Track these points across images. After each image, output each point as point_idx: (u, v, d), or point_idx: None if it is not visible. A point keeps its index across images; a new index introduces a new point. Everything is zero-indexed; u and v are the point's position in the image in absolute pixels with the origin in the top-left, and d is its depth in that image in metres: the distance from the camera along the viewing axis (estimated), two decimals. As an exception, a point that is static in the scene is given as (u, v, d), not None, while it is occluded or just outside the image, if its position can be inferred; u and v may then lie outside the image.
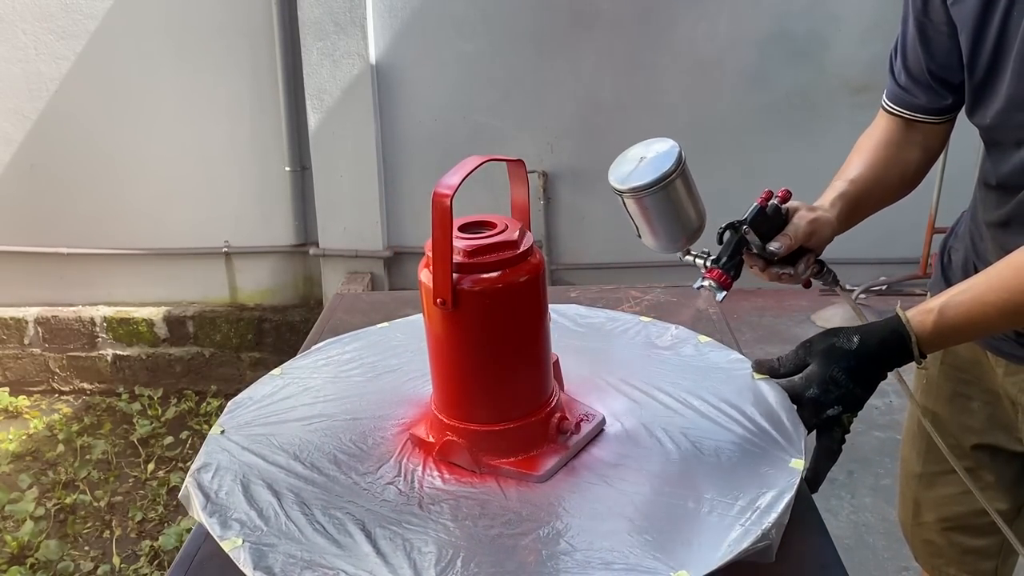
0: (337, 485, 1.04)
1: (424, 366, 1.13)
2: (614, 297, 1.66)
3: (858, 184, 1.24)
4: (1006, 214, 1.15)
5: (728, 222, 1.10)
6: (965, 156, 1.26)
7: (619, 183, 1.04)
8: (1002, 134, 1.13)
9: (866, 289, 3.70)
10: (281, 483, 1.03)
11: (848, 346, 1.03)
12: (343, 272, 3.75)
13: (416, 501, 1.01)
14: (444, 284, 0.98)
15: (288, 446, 1.10)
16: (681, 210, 1.06)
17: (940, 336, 1.04)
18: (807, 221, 1.14)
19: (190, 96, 3.63)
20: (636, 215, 1.07)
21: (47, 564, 2.72)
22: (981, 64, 1.10)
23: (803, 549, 0.99)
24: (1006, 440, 1.32)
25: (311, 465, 1.07)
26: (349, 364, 1.32)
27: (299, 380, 1.27)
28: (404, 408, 1.19)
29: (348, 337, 1.41)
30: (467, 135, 3.63)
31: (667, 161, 1.03)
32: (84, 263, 3.82)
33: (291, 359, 1.34)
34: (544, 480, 1.03)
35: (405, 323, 1.45)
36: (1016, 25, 1.03)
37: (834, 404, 1.03)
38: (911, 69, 1.23)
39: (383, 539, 0.94)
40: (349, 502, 1.00)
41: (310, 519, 0.97)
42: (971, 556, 1.42)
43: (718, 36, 3.55)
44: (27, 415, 3.66)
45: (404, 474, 1.06)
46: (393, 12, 3.53)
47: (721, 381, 1.22)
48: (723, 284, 1.08)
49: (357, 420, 1.16)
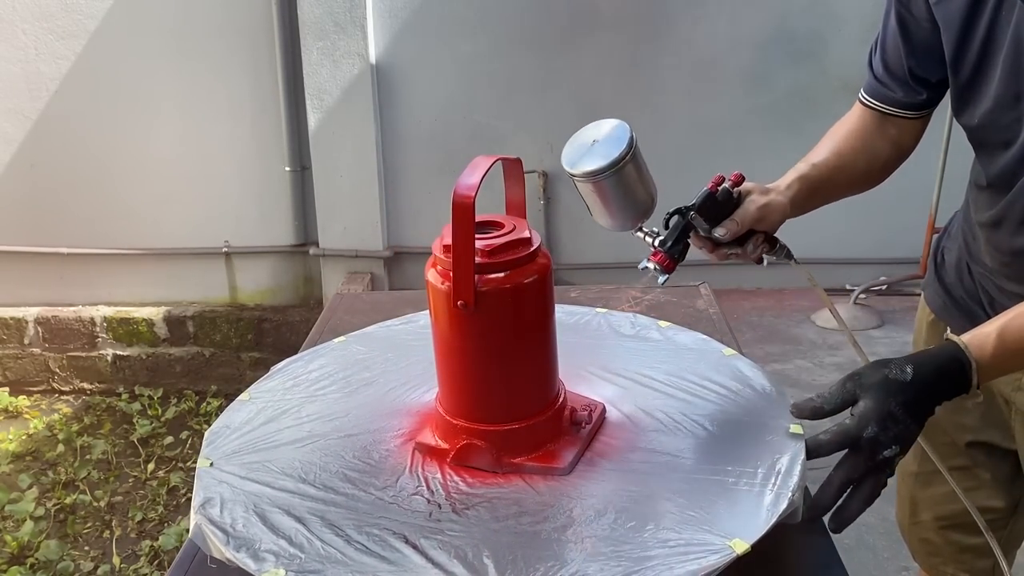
0: (360, 503, 1.00)
1: (401, 376, 1.19)
2: (614, 297, 1.66)
3: (820, 169, 1.24)
4: (997, 214, 1.15)
5: (676, 208, 1.10)
6: (965, 156, 1.26)
7: (571, 167, 1.06)
8: (990, 134, 1.13)
9: (866, 289, 3.70)
10: (299, 508, 0.98)
11: (903, 377, 0.95)
12: (343, 272, 3.75)
13: (449, 507, 0.99)
14: (467, 286, 0.96)
15: (291, 470, 1.05)
16: (632, 192, 1.07)
17: (1000, 360, 0.98)
18: (757, 206, 1.14)
19: (190, 96, 3.63)
20: (588, 197, 1.09)
21: (47, 564, 2.72)
22: (967, 64, 1.10)
23: (803, 549, 0.99)
24: (1000, 438, 1.32)
25: (323, 486, 1.02)
26: (320, 382, 1.26)
27: (273, 403, 1.20)
28: (396, 419, 1.16)
29: (307, 355, 1.35)
30: (467, 135, 3.63)
31: (619, 145, 1.03)
32: (84, 263, 3.82)
33: (255, 383, 1.26)
34: (568, 472, 1.04)
35: (362, 336, 1.40)
36: (1005, 25, 1.03)
37: (892, 444, 0.93)
38: (889, 63, 1.23)
39: (433, 549, 0.91)
40: (380, 518, 0.97)
41: (347, 540, 0.93)
42: (968, 554, 1.42)
43: (718, 36, 3.55)
44: (27, 415, 3.66)
45: (425, 483, 1.03)
46: (393, 12, 3.53)
47: (694, 360, 1.26)
48: (666, 267, 1.10)
49: (352, 436, 1.12)
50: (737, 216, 1.13)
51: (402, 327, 1.42)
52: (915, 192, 3.27)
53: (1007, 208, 1.13)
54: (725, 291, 3.57)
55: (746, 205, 1.14)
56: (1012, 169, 1.09)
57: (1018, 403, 1.24)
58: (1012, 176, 1.10)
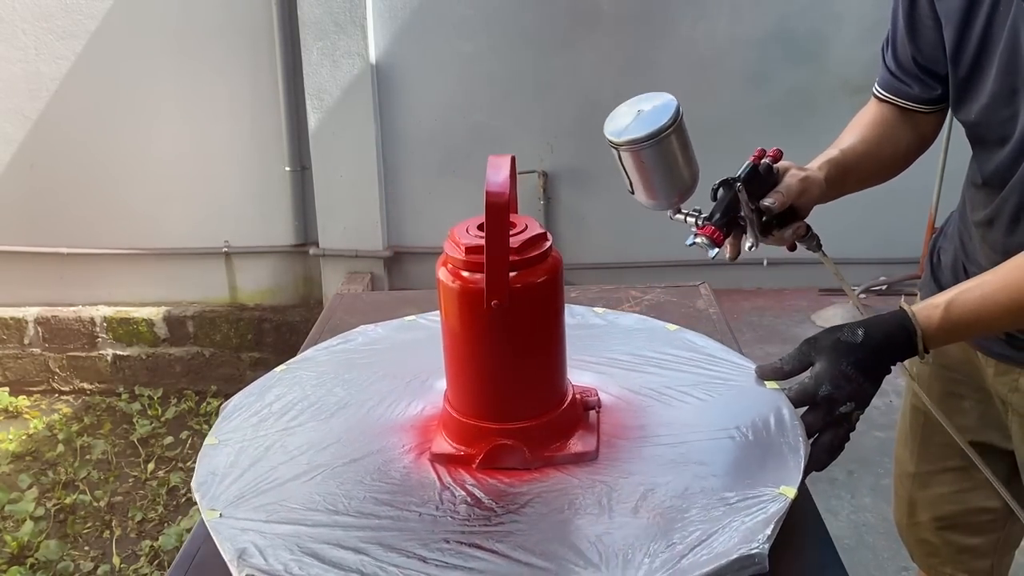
0: (410, 522, 0.96)
1: (372, 394, 1.18)
2: (614, 297, 1.66)
3: (848, 154, 1.25)
4: (991, 212, 1.16)
5: (721, 179, 1.10)
6: (965, 157, 1.26)
7: (615, 136, 1.04)
8: (986, 131, 1.13)
9: (866, 289, 3.70)
10: (349, 539, 0.93)
11: (854, 339, 1.02)
12: (343, 272, 3.75)
13: (503, 509, 0.97)
14: (501, 286, 0.96)
15: (314, 504, 0.99)
16: (676, 166, 1.06)
17: (945, 332, 1.03)
18: (798, 179, 1.14)
19: (190, 96, 3.63)
20: (630, 169, 1.07)
21: (47, 564, 2.72)
22: (966, 59, 1.11)
23: (803, 549, 0.99)
24: (998, 438, 1.32)
25: (360, 513, 0.97)
26: (289, 413, 1.18)
27: (249, 443, 1.11)
28: (395, 436, 1.12)
29: (256, 389, 1.25)
30: (467, 135, 3.63)
31: (664, 115, 1.03)
32: (84, 263, 3.82)
33: (217, 422, 1.18)
34: (596, 457, 1.05)
35: (304, 361, 1.32)
36: (1002, 21, 1.04)
37: (847, 400, 1.01)
38: (900, 59, 1.24)
39: (515, 550, 0.90)
40: (441, 532, 0.94)
41: (421, 559, 0.90)
42: (966, 555, 1.43)
43: (718, 36, 3.55)
44: (27, 415, 3.67)
45: (464, 490, 1.01)
46: (393, 12, 3.53)
47: (647, 339, 1.30)
48: (715, 240, 1.08)
49: (358, 461, 1.07)
50: (782, 188, 1.13)
51: (342, 346, 1.37)
52: (915, 192, 3.27)
53: (1001, 206, 1.13)
54: (725, 291, 3.57)
55: (788, 179, 1.14)
56: (1007, 166, 1.10)
57: (1015, 404, 1.24)
58: (1007, 173, 1.10)
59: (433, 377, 1.21)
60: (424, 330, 1.39)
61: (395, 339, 1.38)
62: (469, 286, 0.99)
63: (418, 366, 1.25)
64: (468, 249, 0.99)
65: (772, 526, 0.90)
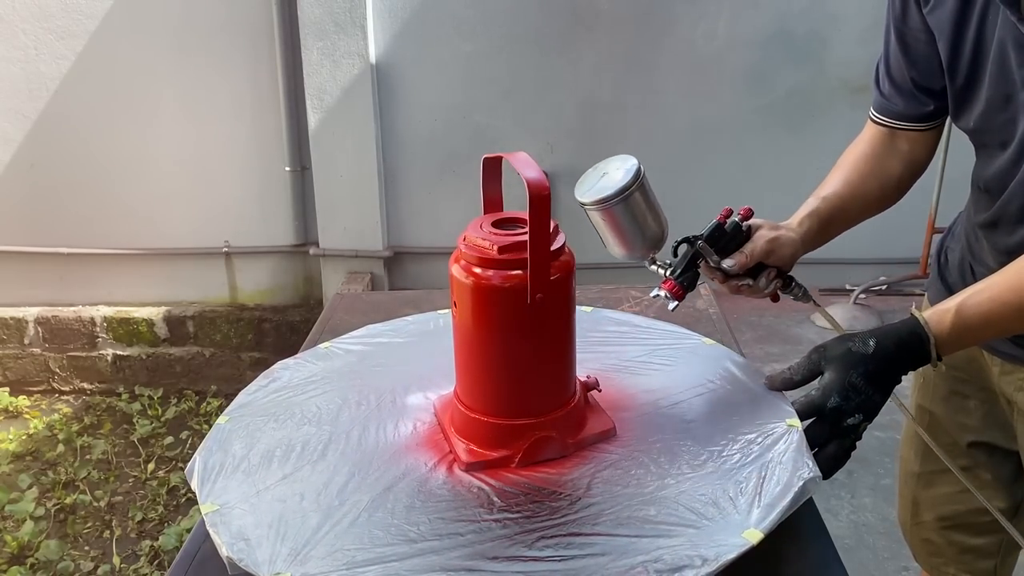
0: (485, 533, 0.93)
1: (355, 423, 1.14)
2: (614, 297, 1.67)
3: (831, 201, 1.26)
4: (994, 215, 1.16)
5: (684, 237, 1.15)
6: (965, 157, 1.26)
7: (583, 197, 1.12)
8: (986, 136, 1.14)
9: (866, 289, 3.70)
10: (452, 561, 0.89)
11: (865, 350, 1.01)
12: (343, 272, 3.75)
13: (573, 496, 0.99)
14: (543, 279, 0.98)
15: (383, 539, 0.92)
16: (643, 220, 1.12)
17: (958, 336, 1.03)
18: (766, 240, 1.16)
19: (190, 96, 3.63)
20: (600, 226, 1.14)
21: (47, 564, 2.72)
22: (961, 69, 1.11)
23: (803, 549, 0.99)
24: (1002, 438, 1.32)
25: (439, 535, 0.93)
26: (273, 463, 1.07)
27: (257, 498, 1.00)
28: (408, 458, 1.07)
29: (214, 440, 1.12)
30: (467, 135, 3.63)
31: (627, 175, 1.09)
32: (84, 263, 3.82)
33: (197, 486, 1.04)
34: (615, 432, 1.10)
35: (250, 404, 1.22)
36: (991, 28, 1.04)
37: (855, 412, 1.00)
38: (894, 77, 1.24)
39: (621, 526, 0.92)
40: (526, 532, 0.93)
41: (523, 559, 0.88)
42: (970, 555, 1.43)
43: (718, 36, 3.55)
44: (27, 415, 3.67)
45: (520, 489, 1.01)
46: (393, 12, 3.53)
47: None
48: (675, 295, 1.14)
49: (391, 488, 1.01)
50: (746, 249, 1.15)
51: (273, 385, 1.26)
52: (915, 192, 3.24)
53: (1003, 208, 1.14)
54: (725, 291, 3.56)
55: (755, 239, 1.16)
56: (1008, 169, 1.10)
57: (1020, 404, 1.24)
58: (1008, 176, 1.11)
59: (397, 395, 1.21)
60: (340, 358, 1.33)
61: (322, 369, 1.30)
62: (509, 284, 0.99)
63: (373, 388, 1.23)
64: (502, 248, 1.00)
65: (807, 453, 0.99)
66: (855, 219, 1.30)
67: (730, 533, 0.90)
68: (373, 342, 1.38)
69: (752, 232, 1.17)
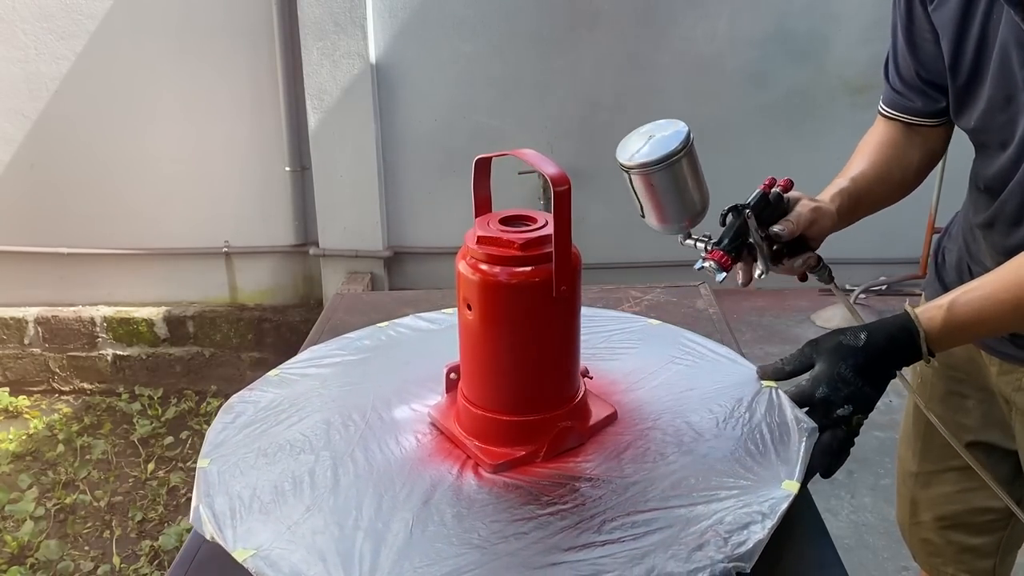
0: (555, 523, 0.94)
1: (351, 441, 1.09)
2: (614, 297, 1.66)
3: (859, 181, 1.25)
4: (992, 215, 1.16)
5: (731, 205, 1.11)
6: (965, 157, 1.26)
7: (626, 159, 1.06)
8: (986, 136, 1.14)
9: (866, 289, 3.70)
10: (534, 558, 0.89)
11: (855, 343, 1.02)
12: (343, 272, 3.75)
13: (612, 479, 1.00)
14: (567, 272, 1.00)
15: (430, 557, 0.90)
16: (686, 190, 1.07)
17: (949, 333, 1.03)
18: (809, 209, 1.15)
19: (190, 96, 3.63)
20: (641, 193, 1.08)
21: (47, 564, 2.72)
22: (964, 68, 1.11)
23: (803, 549, 0.99)
24: (1000, 438, 1.32)
25: (504, 536, 0.92)
26: (287, 497, 1.01)
27: (290, 533, 0.94)
28: (429, 469, 1.05)
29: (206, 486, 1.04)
30: (467, 135, 3.63)
31: (675, 140, 1.05)
32: (84, 263, 3.82)
33: (225, 530, 0.95)
34: (617, 417, 1.13)
35: (227, 443, 1.14)
36: (995, 29, 1.04)
37: (844, 403, 1.01)
38: (903, 74, 1.25)
39: (675, 497, 0.96)
40: (593, 516, 0.94)
41: (613, 541, 0.90)
42: (968, 554, 1.43)
43: (718, 36, 3.55)
44: (27, 415, 3.66)
45: (558, 482, 1.01)
46: (393, 12, 3.53)
47: None
48: (723, 265, 1.10)
49: (430, 502, 0.99)
50: (792, 217, 1.13)
51: (242, 420, 1.20)
52: (915, 192, 3.25)
53: (1001, 208, 1.14)
54: (725, 291, 3.56)
55: (799, 208, 1.14)
56: (1007, 170, 1.10)
57: (1018, 403, 1.24)
58: (1007, 177, 1.11)
59: (381, 411, 1.16)
60: (299, 383, 1.26)
61: (286, 396, 1.23)
62: (538, 278, 0.99)
63: (353, 406, 1.18)
64: (523, 244, 1.00)
65: (793, 407, 1.07)
66: (880, 202, 1.29)
67: (772, 488, 0.96)
68: (327, 363, 1.31)
69: (791, 205, 1.15)
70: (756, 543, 0.88)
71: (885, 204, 1.31)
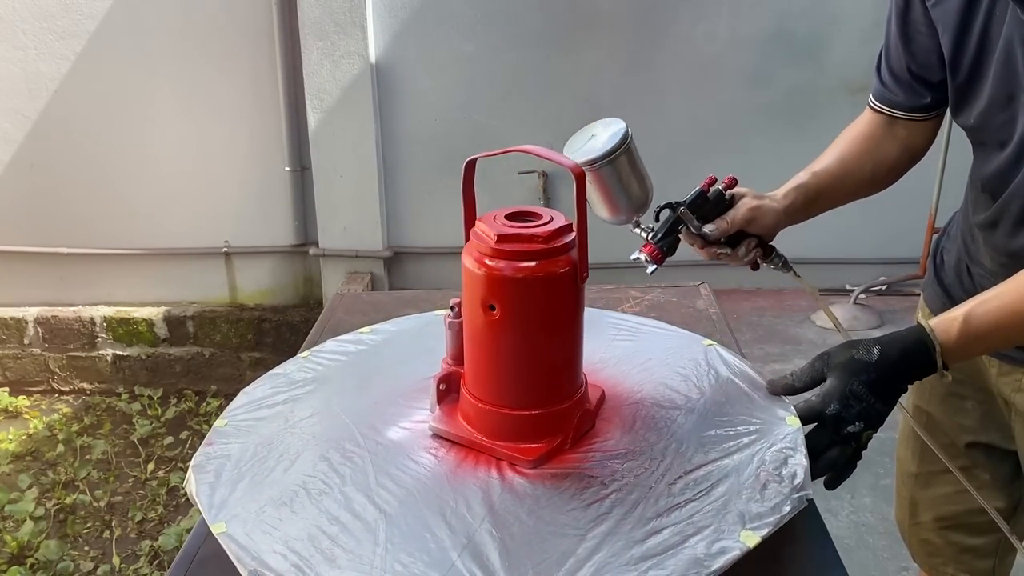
0: (624, 504, 0.95)
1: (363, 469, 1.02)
2: (614, 297, 1.66)
3: (821, 176, 1.27)
4: (993, 215, 1.16)
5: (666, 202, 1.17)
6: (965, 156, 1.26)
7: (570, 157, 1.12)
8: (986, 135, 1.14)
9: (866, 289, 3.70)
10: (613, 542, 0.89)
11: (868, 358, 0.99)
12: (343, 272, 3.75)
13: (647, 456, 1.03)
14: (586, 260, 1.02)
15: (535, 557, 0.88)
16: (628, 183, 1.14)
17: (965, 345, 1.00)
18: (747, 208, 1.18)
19: (190, 96, 3.63)
20: (589, 188, 1.14)
21: (47, 564, 2.72)
22: (964, 65, 1.11)
23: (803, 549, 0.99)
24: (1000, 439, 1.32)
25: (573, 533, 0.91)
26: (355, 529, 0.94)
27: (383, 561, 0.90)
28: (466, 479, 1.01)
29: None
30: (467, 135, 3.63)
31: (614, 138, 1.11)
32: (84, 263, 3.82)
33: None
34: (605, 396, 1.16)
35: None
36: (998, 25, 1.04)
37: (855, 420, 0.98)
38: (893, 67, 1.25)
39: (707, 465, 1.00)
40: (651, 489, 0.97)
41: (678, 506, 0.94)
42: (968, 555, 1.43)
43: (718, 36, 3.55)
44: (27, 415, 3.66)
45: (596, 462, 1.02)
46: (393, 12, 3.53)
47: None
48: (654, 258, 1.16)
49: (492, 510, 0.96)
50: (728, 216, 1.18)
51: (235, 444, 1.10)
52: (915, 192, 3.26)
53: (1003, 208, 1.13)
54: (725, 291, 3.57)
55: (737, 207, 1.19)
56: (1007, 169, 1.10)
57: (1018, 404, 1.24)
58: (1007, 176, 1.10)
59: (375, 437, 1.09)
60: (255, 430, 1.13)
61: (256, 442, 1.10)
62: (565, 269, 1.00)
63: (341, 436, 1.10)
64: (545, 236, 1.00)
65: (745, 363, 1.20)
66: (843, 198, 1.30)
67: (780, 426, 1.05)
68: (274, 401, 1.19)
69: (736, 201, 1.19)
70: (805, 472, 0.96)
71: (851, 199, 1.31)
